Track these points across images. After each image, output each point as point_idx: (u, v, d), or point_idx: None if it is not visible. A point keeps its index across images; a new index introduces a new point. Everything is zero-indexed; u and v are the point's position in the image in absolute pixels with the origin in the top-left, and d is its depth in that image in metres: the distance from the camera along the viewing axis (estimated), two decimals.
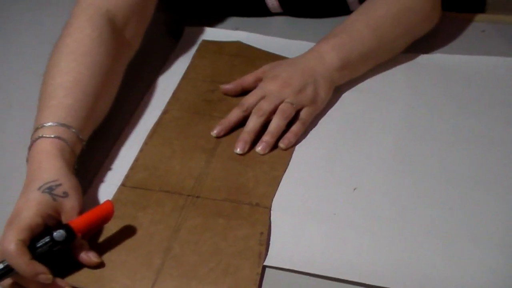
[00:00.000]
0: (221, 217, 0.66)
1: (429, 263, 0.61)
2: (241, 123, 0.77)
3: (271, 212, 0.67)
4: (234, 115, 0.78)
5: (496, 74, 0.86)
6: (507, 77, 0.86)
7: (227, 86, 0.83)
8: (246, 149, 0.74)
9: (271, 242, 0.64)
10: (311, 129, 0.79)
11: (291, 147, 0.76)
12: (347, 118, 0.80)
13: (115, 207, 0.64)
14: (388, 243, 0.63)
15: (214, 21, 1.02)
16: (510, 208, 0.66)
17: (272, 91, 0.77)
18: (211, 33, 0.98)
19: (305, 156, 0.75)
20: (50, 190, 0.62)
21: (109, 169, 0.74)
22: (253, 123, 0.75)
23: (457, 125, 0.78)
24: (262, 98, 0.77)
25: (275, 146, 0.76)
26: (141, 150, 0.76)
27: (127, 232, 0.65)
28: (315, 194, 0.69)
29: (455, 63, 0.88)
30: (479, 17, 0.99)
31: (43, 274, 0.57)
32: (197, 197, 0.69)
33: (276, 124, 0.75)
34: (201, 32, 0.98)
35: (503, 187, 0.69)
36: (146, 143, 0.77)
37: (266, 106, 0.75)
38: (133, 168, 0.73)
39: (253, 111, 0.76)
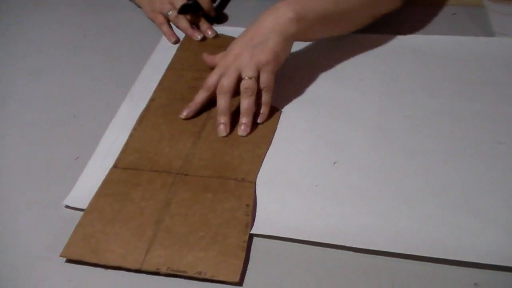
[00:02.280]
0: (209, 191, 0.70)
1: (402, 225, 0.65)
2: (209, 103, 0.81)
3: (256, 186, 0.70)
4: (200, 96, 0.81)
5: (467, 53, 0.90)
6: (478, 56, 0.89)
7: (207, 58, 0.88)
8: (228, 130, 0.78)
9: (257, 213, 0.67)
10: (292, 109, 0.82)
11: (267, 118, 0.80)
12: (326, 98, 0.84)
13: (107, 186, 0.70)
14: (365, 210, 0.67)
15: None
16: (478, 176, 0.70)
17: (228, 66, 0.79)
18: None
19: (287, 134, 0.78)
20: None
21: (101, 153, 0.77)
22: (222, 104, 0.79)
23: (431, 101, 0.81)
24: (222, 75, 0.80)
25: (258, 125, 0.80)
26: (131, 135, 0.79)
27: (120, 207, 0.69)
28: (297, 168, 0.73)
29: (428, 43, 0.92)
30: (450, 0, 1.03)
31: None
32: (186, 174, 0.72)
33: (246, 104, 0.78)
34: None
35: (472, 158, 0.72)
36: (135, 128, 0.80)
37: (226, 82, 0.78)
38: (124, 151, 0.77)
39: (217, 91, 0.79)
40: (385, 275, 0.61)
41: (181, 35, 1.00)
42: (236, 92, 0.79)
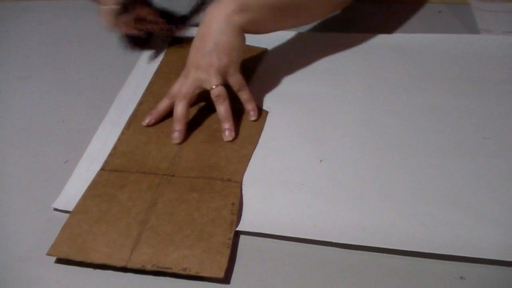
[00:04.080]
0: (195, 191, 0.70)
1: (388, 220, 0.65)
2: (171, 111, 0.81)
3: (243, 186, 0.71)
4: (162, 104, 0.82)
5: (453, 50, 0.91)
6: (464, 53, 0.90)
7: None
8: (182, 137, 0.78)
9: (243, 211, 0.68)
10: (277, 108, 0.83)
11: (259, 112, 0.81)
12: (311, 97, 0.84)
13: (95, 188, 0.71)
14: (351, 206, 0.67)
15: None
16: (463, 171, 0.70)
17: (189, 74, 0.80)
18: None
19: (273, 133, 0.79)
20: None
21: (90, 157, 0.78)
22: (179, 109, 0.79)
23: (416, 98, 0.82)
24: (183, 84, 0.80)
25: (244, 125, 0.80)
26: (119, 139, 0.80)
27: (106, 208, 0.69)
28: (283, 167, 0.73)
29: (414, 41, 0.93)
30: None
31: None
32: (172, 175, 0.73)
33: (222, 110, 0.78)
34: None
35: (458, 153, 0.73)
36: (123, 132, 0.81)
37: (185, 89, 0.79)
38: (111, 155, 0.77)
39: (176, 97, 0.80)
40: (372, 270, 0.61)
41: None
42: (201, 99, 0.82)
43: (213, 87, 0.78)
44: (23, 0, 1.18)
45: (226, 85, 0.79)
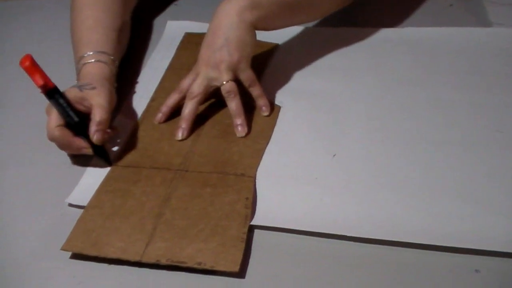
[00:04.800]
0: (209, 186, 0.70)
1: (402, 213, 0.65)
2: (181, 106, 0.80)
3: (256, 180, 0.71)
4: (172, 100, 0.82)
5: (465, 44, 0.90)
6: (476, 46, 0.90)
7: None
8: (185, 135, 0.78)
9: (257, 206, 0.68)
10: (289, 103, 0.83)
11: (272, 107, 0.81)
12: (322, 91, 0.84)
13: (108, 183, 0.72)
14: (365, 200, 0.67)
15: (195, 15, 1.06)
16: (477, 164, 0.70)
17: (200, 72, 0.79)
18: (193, 26, 1.03)
19: (286, 129, 0.79)
20: (80, 86, 0.75)
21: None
22: (188, 109, 0.79)
23: (429, 92, 0.82)
24: (194, 80, 0.80)
25: (257, 120, 0.80)
26: (132, 135, 0.80)
27: (120, 203, 0.70)
28: (296, 162, 0.73)
29: (425, 35, 0.93)
30: None
31: (85, 148, 0.73)
32: (186, 171, 0.73)
33: (233, 105, 0.79)
34: (182, 25, 1.03)
35: (471, 147, 0.73)
36: (136, 128, 0.81)
37: (196, 88, 0.78)
38: (125, 150, 0.78)
39: (187, 95, 0.79)
40: (386, 264, 0.61)
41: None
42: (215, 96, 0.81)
43: (224, 83, 0.78)
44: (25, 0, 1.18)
45: (237, 81, 0.79)
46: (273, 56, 0.93)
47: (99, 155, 0.75)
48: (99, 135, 0.73)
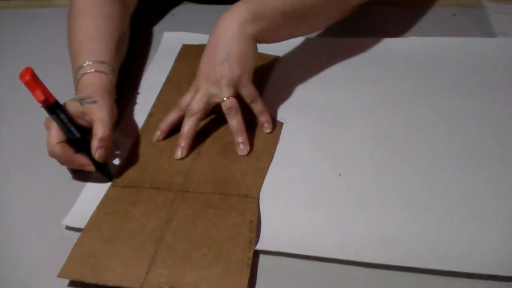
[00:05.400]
0: (211, 207, 0.68)
1: (414, 238, 0.63)
2: (180, 123, 0.78)
3: (260, 202, 0.69)
4: (171, 117, 0.79)
5: (468, 54, 0.88)
6: (480, 57, 0.88)
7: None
8: (184, 154, 0.76)
9: (261, 229, 0.66)
10: (291, 119, 0.80)
11: (274, 123, 0.79)
12: (325, 105, 0.82)
13: (107, 204, 0.70)
14: (373, 222, 0.65)
15: (191, 25, 1.04)
16: (486, 181, 0.68)
17: (199, 88, 0.76)
18: (190, 37, 1.00)
19: (289, 146, 0.76)
20: (80, 100, 0.73)
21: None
22: (187, 126, 0.76)
23: (433, 105, 0.80)
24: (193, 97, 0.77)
25: (259, 137, 0.78)
26: (130, 152, 0.78)
27: (120, 225, 0.67)
28: (301, 182, 0.71)
29: (428, 45, 0.91)
30: (450, 1, 1.02)
31: (87, 165, 0.72)
32: (186, 191, 0.71)
33: (234, 123, 0.76)
34: (179, 36, 1.01)
35: (479, 163, 0.71)
36: (135, 145, 0.79)
37: (196, 105, 0.76)
38: (123, 169, 0.75)
39: (186, 112, 0.77)
40: None
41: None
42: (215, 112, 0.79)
43: (224, 99, 0.75)
44: (25, 8, 1.16)
45: (238, 96, 0.77)
46: (274, 68, 0.90)
47: (101, 171, 0.73)
48: (101, 152, 0.72)
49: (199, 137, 0.78)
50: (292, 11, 0.79)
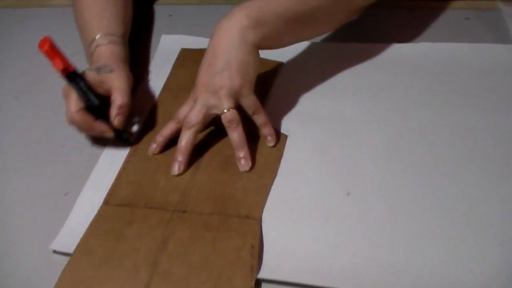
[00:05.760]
0: (210, 230, 0.64)
1: (428, 265, 0.58)
2: (178, 135, 0.73)
3: (262, 223, 0.64)
4: (168, 130, 0.75)
5: (482, 61, 0.83)
6: (494, 64, 0.83)
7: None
8: (181, 169, 0.71)
9: (264, 254, 0.61)
10: (296, 131, 0.76)
11: (277, 136, 0.74)
12: (333, 117, 0.77)
13: (98, 225, 0.65)
14: (383, 249, 0.60)
15: (190, 26, 0.99)
16: (497, 205, 0.64)
17: (198, 98, 0.72)
18: (188, 41, 0.95)
19: (294, 161, 0.72)
20: (97, 69, 0.76)
21: (92, 188, 0.71)
22: (185, 140, 0.71)
23: (446, 117, 0.75)
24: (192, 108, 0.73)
25: (261, 150, 0.73)
26: (124, 167, 0.73)
27: (112, 248, 0.63)
28: (306, 201, 0.66)
29: (439, 51, 0.86)
30: (463, 3, 0.96)
31: (107, 131, 0.74)
32: (183, 211, 0.66)
33: (236, 136, 0.71)
34: (178, 40, 0.96)
35: (496, 182, 0.66)
36: (128, 160, 0.74)
37: (194, 117, 0.71)
38: (116, 185, 0.71)
39: (183, 124, 0.72)
40: None
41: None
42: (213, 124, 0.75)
43: (225, 111, 0.71)
44: (22, 8, 1.11)
45: (239, 107, 0.72)
46: (277, 76, 0.85)
47: (120, 138, 0.75)
48: (120, 119, 0.74)
49: (197, 151, 0.73)
50: (295, 15, 0.74)
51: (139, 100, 0.83)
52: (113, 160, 0.75)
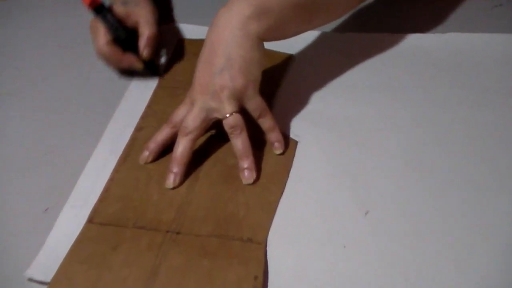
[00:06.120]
0: (207, 256, 0.55)
1: None
2: (173, 140, 0.66)
3: (267, 248, 0.56)
4: (161, 135, 0.67)
5: None
6: None
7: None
8: (177, 182, 0.63)
9: (268, 286, 0.53)
10: (309, 137, 0.67)
11: (286, 142, 0.66)
12: (350, 120, 0.68)
13: (81, 247, 0.57)
14: (405, 279, 0.52)
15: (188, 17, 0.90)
16: None
17: (195, 101, 0.64)
18: (187, 30, 0.87)
19: (304, 172, 0.63)
20: (123, 3, 0.77)
21: (76, 203, 0.63)
22: (181, 148, 0.64)
23: (474, 123, 0.66)
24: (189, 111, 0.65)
25: (268, 159, 0.65)
26: (112, 179, 0.65)
27: (96, 276, 0.55)
28: (319, 223, 0.58)
29: (466, 43, 0.76)
30: None
31: (136, 62, 0.77)
32: (178, 233, 0.58)
33: (240, 144, 0.63)
34: (175, 29, 0.87)
35: None
36: (117, 169, 0.66)
37: (191, 122, 0.63)
38: (102, 200, 0.63)
39: (179, 130, 0.64)
40: None
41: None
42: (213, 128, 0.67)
43: (227, 116, 0.62)
44: None
45: (243, 110, 0.64)
46: (287, 71, 0.76)
47: (149, 69, 0.78)
48: (149, 50, 0.76)
49: (195, 160, 0.65)
50: (303, 0, 0.65)
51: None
52: (100, 169, 0.67)
